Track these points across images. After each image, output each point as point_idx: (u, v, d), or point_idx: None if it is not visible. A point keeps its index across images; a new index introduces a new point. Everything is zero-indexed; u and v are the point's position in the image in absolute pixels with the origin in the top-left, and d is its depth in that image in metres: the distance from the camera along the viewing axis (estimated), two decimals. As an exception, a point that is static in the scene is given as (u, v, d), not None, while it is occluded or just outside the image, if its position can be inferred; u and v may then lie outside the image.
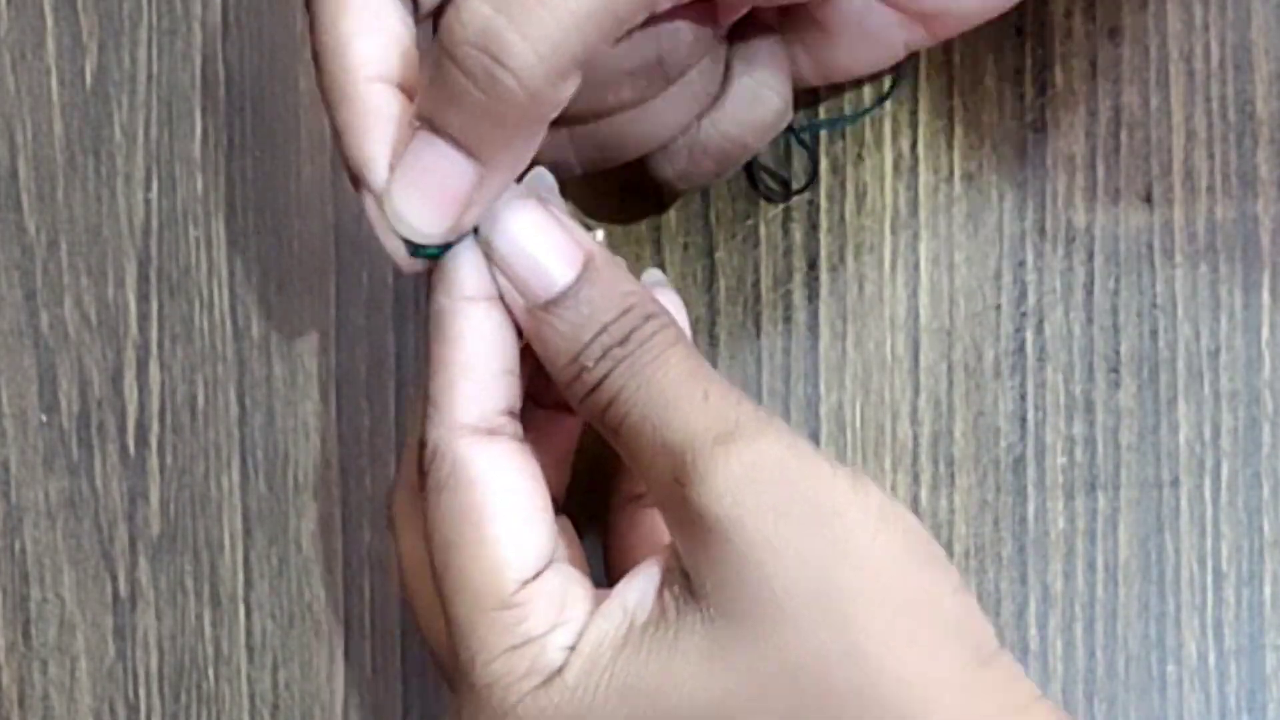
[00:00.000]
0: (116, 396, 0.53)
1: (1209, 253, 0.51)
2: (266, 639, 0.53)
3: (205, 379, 0.53)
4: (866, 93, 0.52)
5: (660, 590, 0.41)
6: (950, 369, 0.51)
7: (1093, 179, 0.51)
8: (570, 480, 0.48)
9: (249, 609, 0.53)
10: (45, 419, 0.53)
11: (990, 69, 0.52)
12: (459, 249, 0.43)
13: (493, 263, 0.43)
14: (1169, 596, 0.51)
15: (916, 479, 0.51)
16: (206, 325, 0.53)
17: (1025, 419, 0.51)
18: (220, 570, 0.53)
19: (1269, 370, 0.51)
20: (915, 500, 0.51)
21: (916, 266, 0.52)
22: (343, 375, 0.53)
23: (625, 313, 0.42)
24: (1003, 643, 0.49)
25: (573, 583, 0.42)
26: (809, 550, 0.40)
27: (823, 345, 0.52)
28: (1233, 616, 0.50)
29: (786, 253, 0.52)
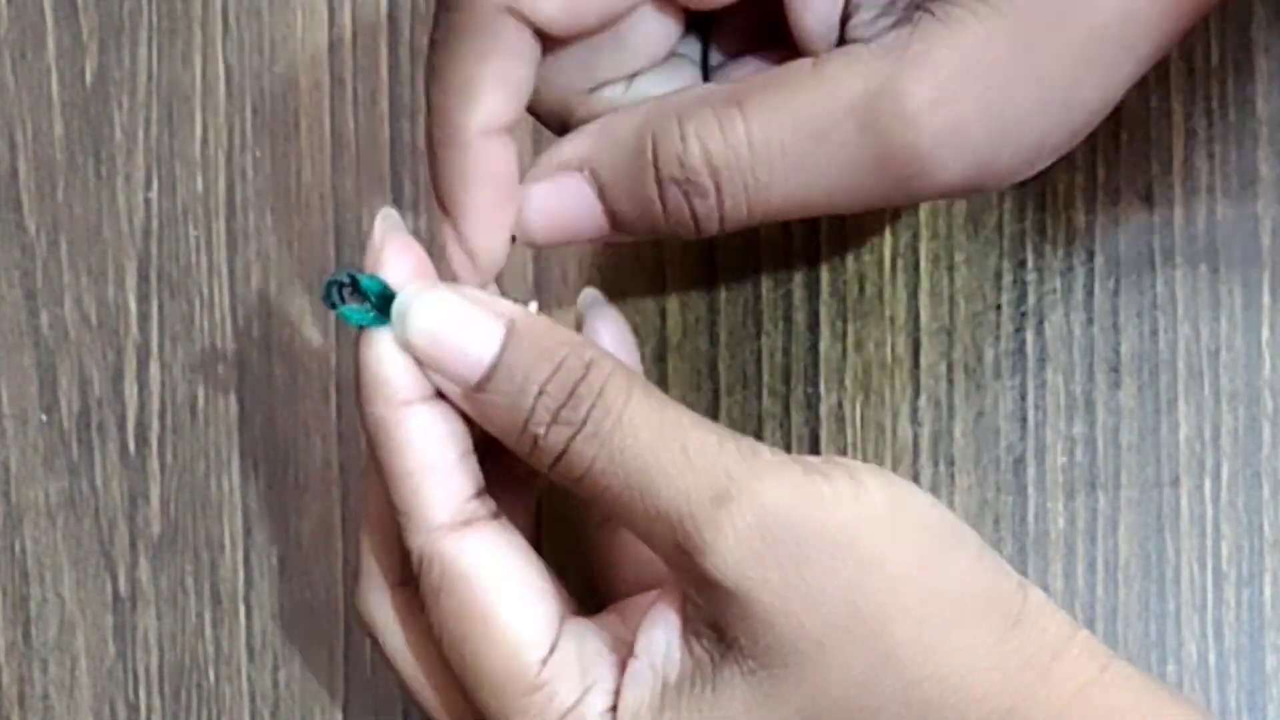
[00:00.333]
0: (116, 396, 0.53)
1: (1209, 253, 0.51)
2: (266, 639, 0.53)
3: (205, 379, 0.53)
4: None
5: (687, 643, 0.41)
6: (950, 369, 0.51)
7: (1093, 179, 0.51)
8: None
9: (249, 609, 0.53)
10: (45, 419, 0.54)
11: (990, 69, 0.52)
12: (383, 354, 0.42)
13: (418, 360, 0.42)
14: (1169, 596, 0.51)
15: (916, 479, 0.51)
16: (206, 325, 0.53)
17: (1025, 419, 0.51)
18: (220, 570, 0.53)
19: (1269, 370, 0.51)
20: (915, 500, 0.51)
21: (916, 266, 0.52)
22: (343, 375, 0.53)
23: (559, 367, 0.41)
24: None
25: (586, 639, 0.42)
26: (832, 585, 0.39)
27: (823, 345, 0.52)
28: (1233, 617, 0.50)
29: (786, 253, 0.52)
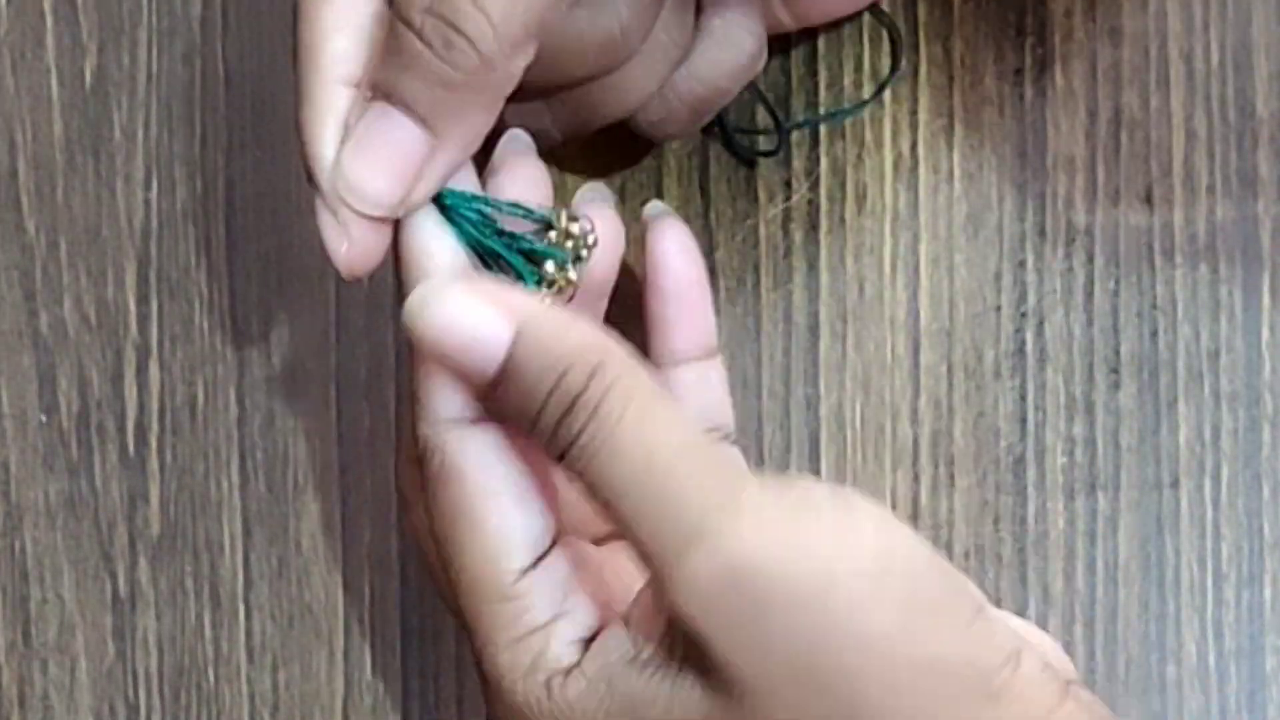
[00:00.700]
0: (116, 396, 0.53)
1: (1209, 253, 0.51)
2: (266, 639, 0.53)
3: (205, 379, 0.53)
4: (866, 88, 0.52)
5: (665, 634, 0.40)
6: (950, 370, 0.51)
7: (1093, 179, 0.51)
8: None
9: (249, 609, 0.53)
10: (45, 419, 0.54)
11: (990, 69, 0.52)
12: (428, 245, 0.43)
13: (430, 354, 0.42)
14: (1169, 597, 0.51)
15: (916, 479, 0.51)
16: (206, 325, 0.53)
17: (1025, 420, 0.51)
18: (220, 570, 0.53)
19: (1269, 371, 0.51)
20: (915, 500, 0.51)
21: (916, 267, 0.52)
22: (343, 375, 0.53)
23: (563, 376, 0.40)
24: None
25: (575, 567, 0.42)
26: (795, 638, 0.39)
27: (823, 345, 0.52)
28: (1233, 618, 0.50)
29: (786, 253, 0.52)
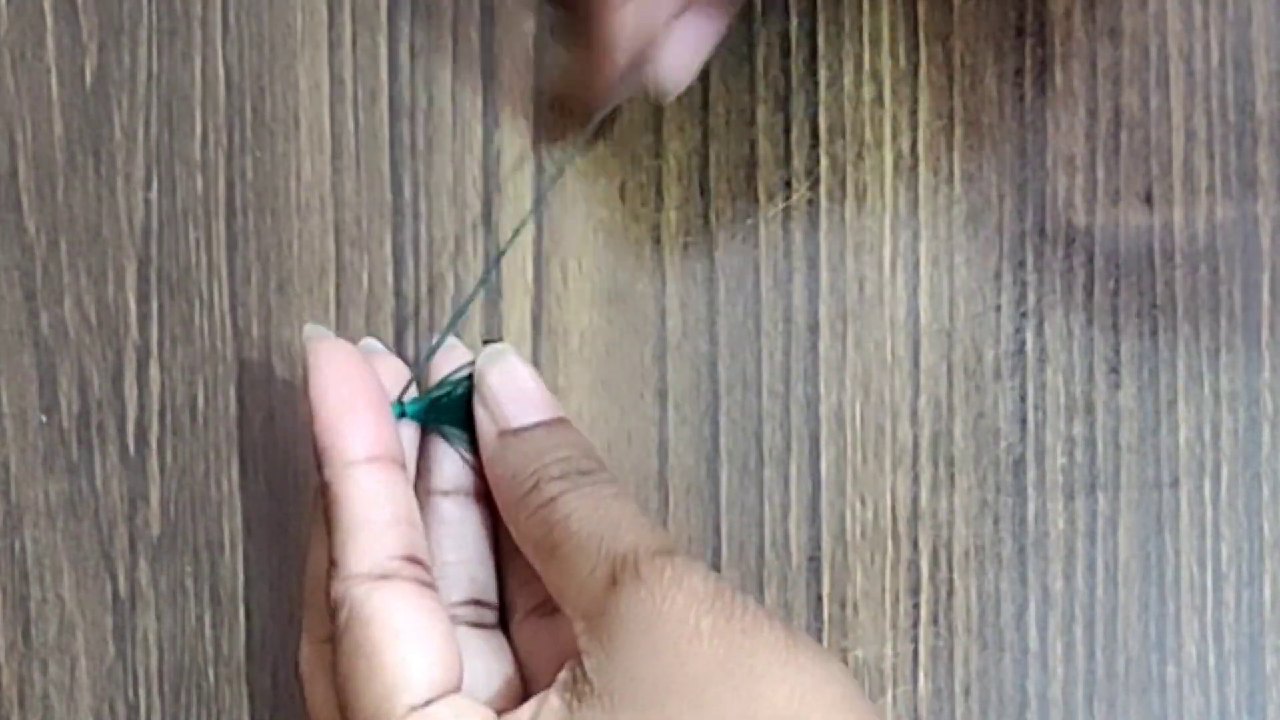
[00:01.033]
0: (116, 396, 0.53)
1: (1209, 253, 0.51)
2: (266, 639, 0.53)
3: (205, 379, 0.53)
4: (867, 88, 0.52)
5: (553, 694, 0.43)
6: (950, 369, 0.51)
7: (1093, 179, 0.51)
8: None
9: (249, 609, 0.53)
10: (45, 419, 0.54)
11: (990, 69, 0.52)
12: (329, 420, 0.46)
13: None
14: (1169, 598, 0.51)
15: (916, 479, 0.51)
16: (206, 325, 0.53)
17: (1025, 420, 0.51)
18: (220, 570, 0.53)
19: (1269, 371, 0.51)
20: (915, 500, 0.51)
21: (916, 267, 0.52)
22: (343, 375, 0.53)
23: (590, 457, 0.47)
24: (1002, 643, 0.49)
25: (468, 712, 0.44)
26: (720, 643, 0.42)
27: (823, 345, 0.52)
28: (1232, 618, 0.50)
29: (786, 253, 0.52)
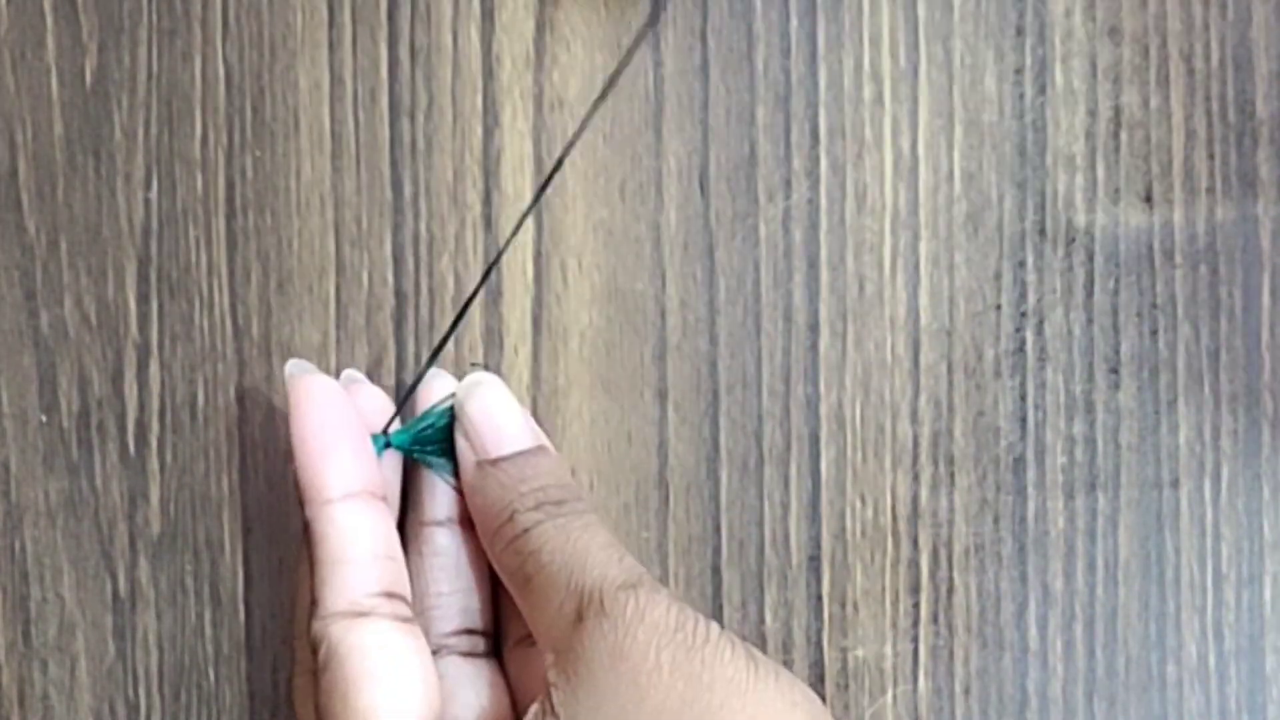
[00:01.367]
0: (116, 396, 0.53)
1: (1209, 253, 0.51)
2: (266, 639, 0.53)
3: (205, 379, 0.53)
4: (867, 88, 0.52)
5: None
6: (950, 369, 0.51)
7: (1093, 179, 0.51)
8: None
9: (249, 609, 0.53)
10: (45, 419, 0.53)
11: (990, 69, 0.52)
12: (308, 460, 0.46)
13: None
14: (1169, 597, 0.51)
15: (916, 479, 0.51)
16: (206, 325, 0.53)
17: (1025, 419, 0.51)
18: (220, 570, 0.53)
19: (1269, 371, 0.51)
20: (915, 500, 0.51)
21: (916, 266, 0.52)
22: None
23: (563, 487, 0.47)
24: (1002, 642, 0.49)
25: None
26: (679, 676, 0.43)
27: (823, 345, 0.52)
28: (1233, 617, 0.50)
29: (786, 253, 0.52)
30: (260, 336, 0.53)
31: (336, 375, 0.53)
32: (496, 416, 0.48)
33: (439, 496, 0.49)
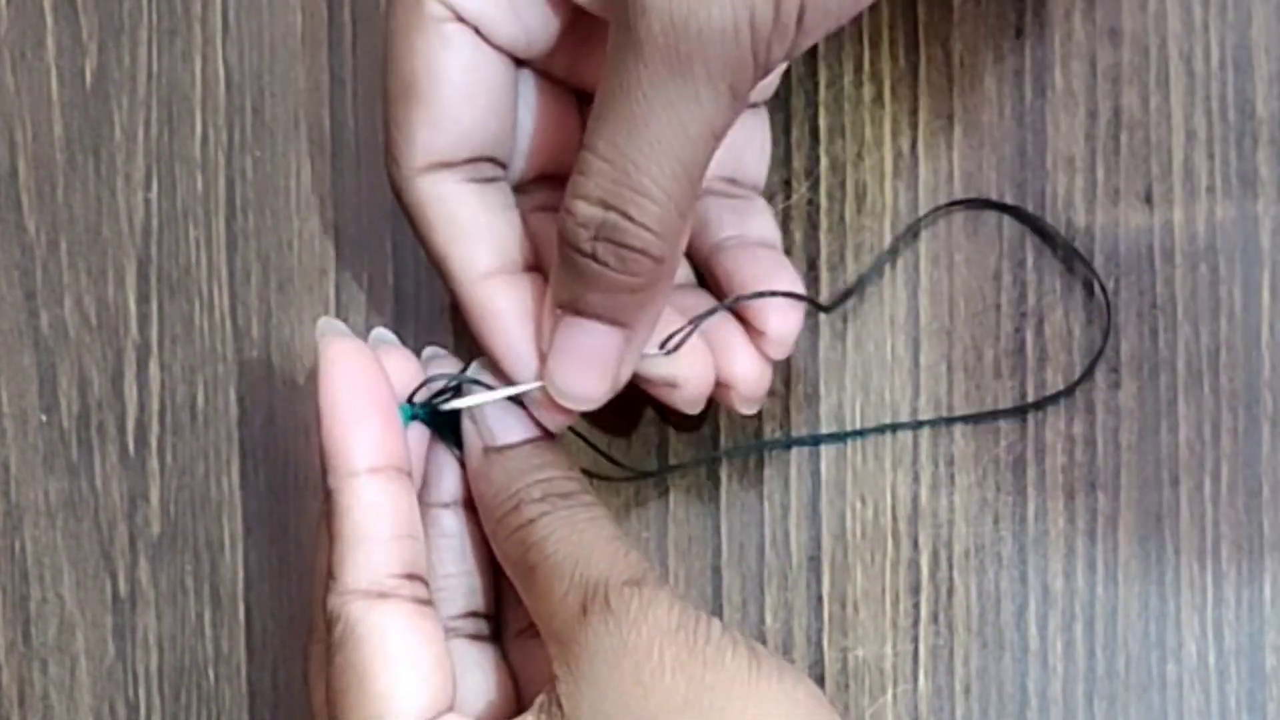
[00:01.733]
0: (116, 396, 0.53)
1: (1209, 253, 0.51)
2: (266, 639, 0.53)
3: (205, 379, 0.53)
4: (867, 88, 0.52)
5: (534, 714, 0.44)
6: (950, 369, 0.51)
7: (1093, 179, 0.51)
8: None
9: (249, 609, 0.53)
10: (45, 419, 0.54)
11: (990, 69, 0.52)
12: (334, 429, 0.45)
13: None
14: (1169, 596, 0.51)
15: (916, 479, 0.51)
16: (206, 325, 0.53)
17: (1025, 419, 0.51)
18: (220, 570, 0.53)
19: (1269, 371, 0.51)
20: (915, 500, 0.51)
21: (916, 267, 0.52)
22: (343, 375, 0.53)
23: (571, 479, 0.47)
24: (1002, 641, 0.49)
25: None
26: (682, 675, 0.43)
27: (823, 345, 0.52)
28: (1232, 616, 0.50)
29: (786, 252, 0.52)
30: (260, 336, 0.53)
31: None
32: (505, 402, 0.47)
33: (446, 478, 0.48)
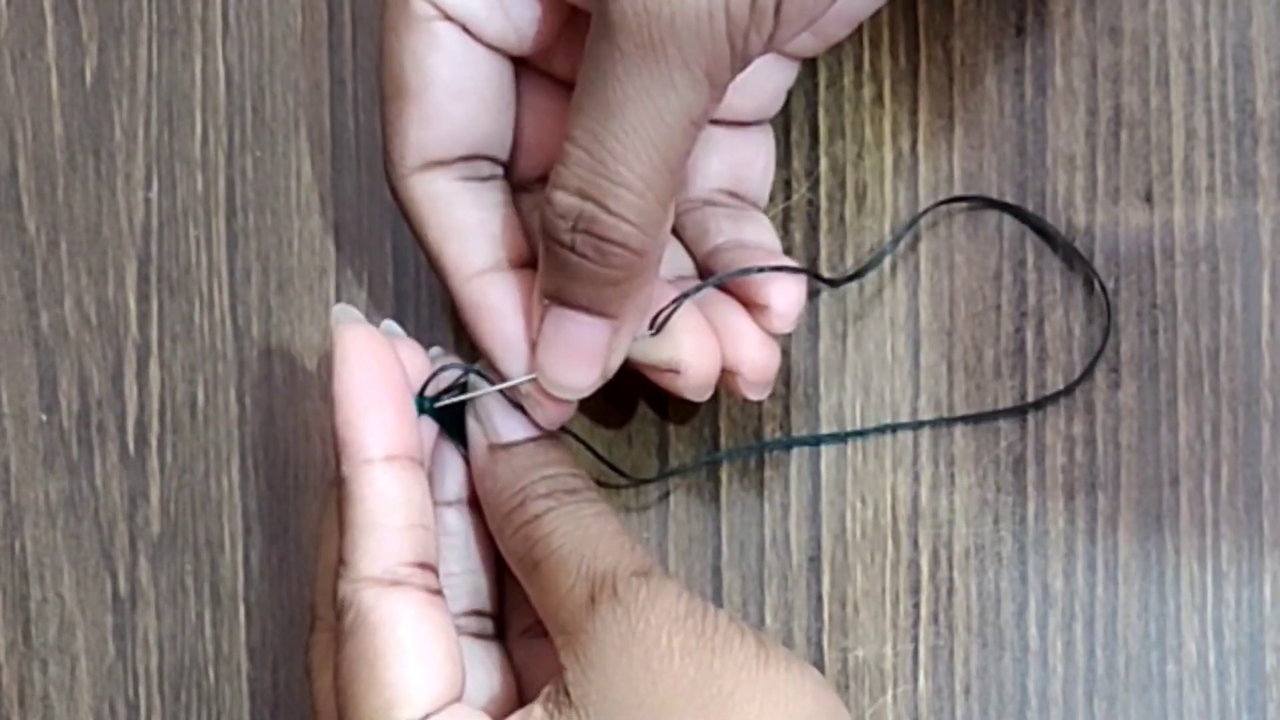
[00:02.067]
0: (116, 396, 0.53)
1: (1209, 252, 0.51)
2: (266, 639, 0.53)
3: (205, 379, 0.53)
4: (867, 88, 0.52)
5: (536, 706, 0.44)
6: (950, 369, 0.51)
7: (1093, 178, 0.51)
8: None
9: (249, 609, 0.53)
10: (45, 419, 0.54)
11: (990, 69, 0.52)
12: (350, 416, 0.45)
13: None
14: (1169, 596, 0.51)
15: (916, 479, 0.51)
16: (206, 325, 0.53)
17: (1025, 419, 0.51)
18: (220, 570, 0.53)
19: (1269, 370, 0.51)
20: (915, 500, 0.51)
21: (916, 267, 0.52)
22: (343, 375, 0.53)
23: (576, 475, 0.47)
24: (1002, 641, 0.49)
25: None
26: (690, 662, 0.43)
27: (823, 345, 0.52)
28: (1232, 616, 0.50)
29: (786, 253, 0.52)
30: (260, 336, 0.53)
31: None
32: (510, 400, 0.47)
33: (450, 476, 0.49)
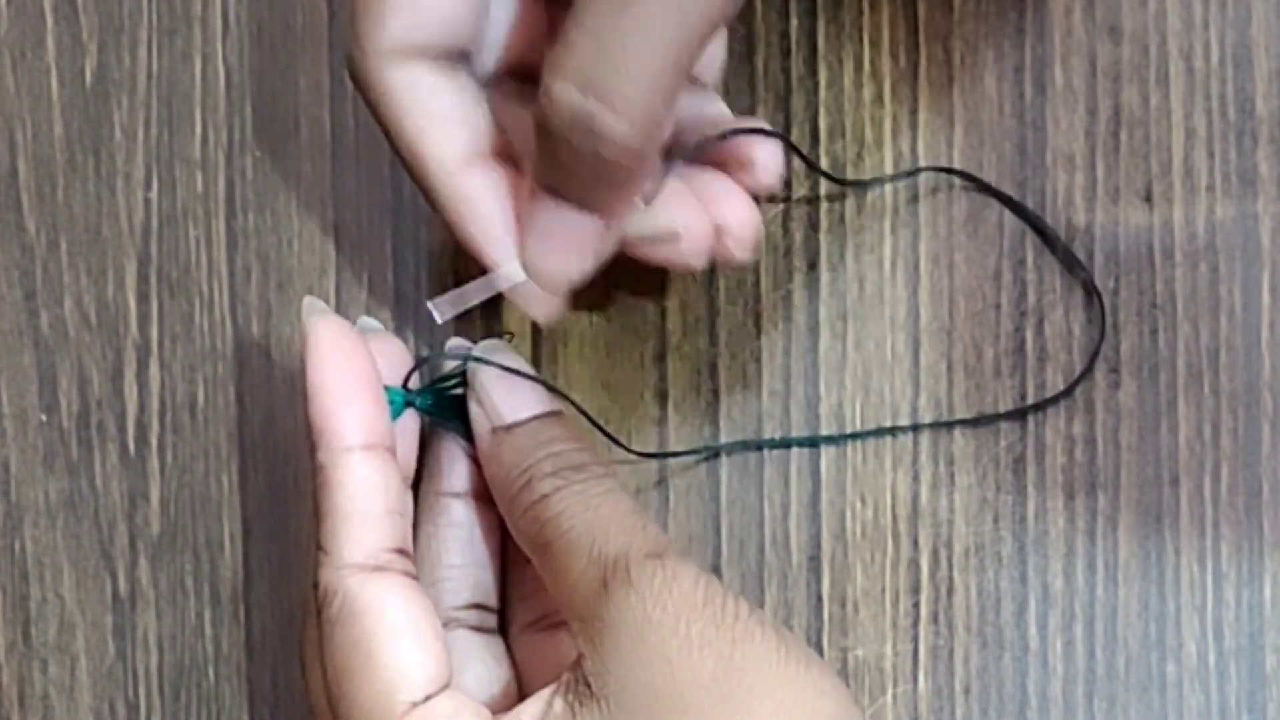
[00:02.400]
0: (116, 396, 0.53)
1: (1209, 252, 0.51)
2: (266, 639, 0.53)
3: (205, 378, 0.53)
4: (867, 88, 0.52)
5: (557, 697, 0.43)
6: (950, 368, 0.51)
7: (1092, 178, 0.51)
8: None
9: (249, 609, 0.53)
10: (45, 419, 0.54)
11: (990, 69, 0.52)
12: (326, 405, 0.45)
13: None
14: (1169, 596, 0.51)
15: (916, 479, 0.51)
16: (206, 325, 0.53)
17: (1025, 419, 0.51)
18: (220, 570, 0.53)
19: (1269, 370, 0.51)
20: (915, 500, 0.51)
21: (916, 266, 0.52)
22: (343, 375, 0.53)
23: (582, 451, 0.46)
24: (1002, 641, 0.49)
25: (465, 709, 0.44)
26: (710, 653, 0.42)
27: (823, 345, 0.52)
28: (1233, 617, 0.50)
29: (786, 253, 0.52)
30: (260, 336, 0.53)
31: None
32: (510, 382, 0.47)
33: (456, 468, 0.48)
